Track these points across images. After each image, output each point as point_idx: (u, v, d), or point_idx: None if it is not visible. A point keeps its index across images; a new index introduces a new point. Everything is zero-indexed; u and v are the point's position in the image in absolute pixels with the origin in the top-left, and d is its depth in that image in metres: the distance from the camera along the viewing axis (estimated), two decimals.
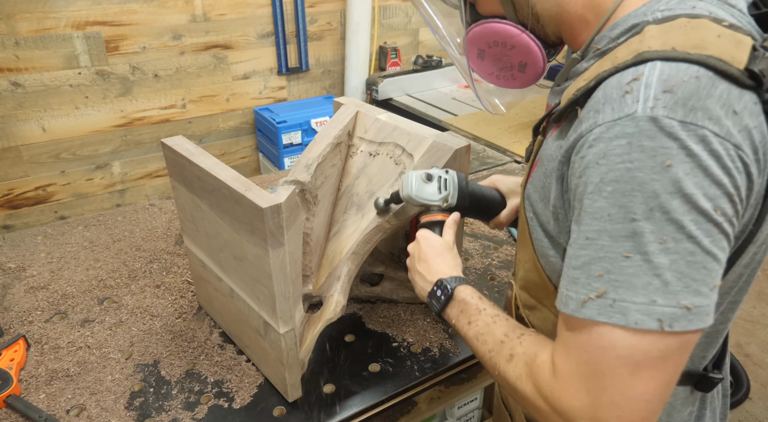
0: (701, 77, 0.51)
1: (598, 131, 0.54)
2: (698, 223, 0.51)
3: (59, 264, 1.43)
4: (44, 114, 2.59)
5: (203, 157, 0.99)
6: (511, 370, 0.64)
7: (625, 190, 0.52)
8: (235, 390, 1.05)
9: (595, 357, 0.53)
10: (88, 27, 2.54)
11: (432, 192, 0.95)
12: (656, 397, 0.53)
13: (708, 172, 0.50)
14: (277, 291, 0.90)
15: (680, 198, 0.50)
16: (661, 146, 0.50)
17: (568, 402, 0.55)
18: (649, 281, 0.51)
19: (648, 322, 0.51)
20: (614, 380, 0.52)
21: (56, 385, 1.06)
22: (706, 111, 0.50)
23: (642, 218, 0.51)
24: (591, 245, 0.54)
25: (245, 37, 2.94)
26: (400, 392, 1.07)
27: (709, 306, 0.52)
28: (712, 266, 0.52)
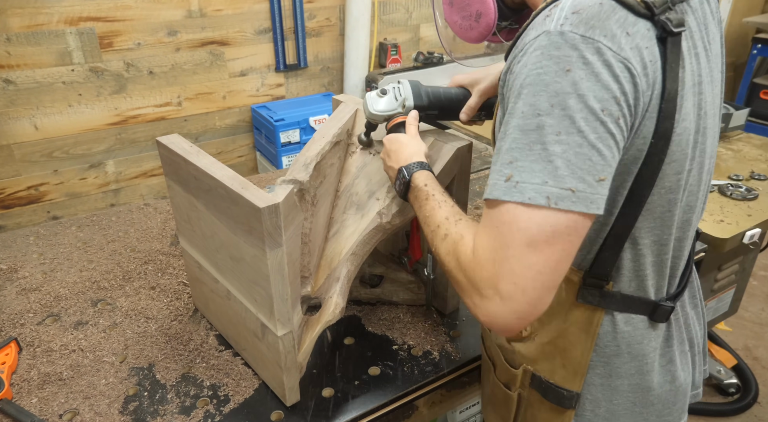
0: (604, 3, 0.64)
1: (521, 48, 0.68)
2: (587, 121, 0.62)
3: (52, 265, 1.43)
4: (36, 112, 2.59)
5: (199, 156, 0.99)
6: (443, 247, 0.76)
7: (535, 90, 0.63)
8: (231, 394, 1.05)
9: (501, 231, 0.64)
10: (82, 23, 2.54)
11: (390, 102, 1.05)
12: (547, 269, 0.63)
13: (599, 77, 0.62)
14: (274, 293, 0.90)
15: (575, 97, 0.62)
16: (565, 55, 0.62)
17: (480, 272, 0.66)
18: (544, 166, 0.62)
19: (539, 199, 0.62)
20: (514, 250, 0.63)
21: (49, 389, 1.06)
22: (603, 29, 0.63)
23: (545, 113, 0.63)
24: (507, 138, 0.65)
25: (242, 33, 2.94)
26: (400, 396, 1.07)
27: (594, 195, 0.62)
28: (596, 159, 0.62)
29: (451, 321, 1.24)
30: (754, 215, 1.58)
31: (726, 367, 2.32)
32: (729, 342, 2.49)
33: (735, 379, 2.30)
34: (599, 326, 0.81)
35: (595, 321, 0.81)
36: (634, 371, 0.83)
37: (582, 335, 0.82)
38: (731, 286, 1.85)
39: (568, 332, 0.83)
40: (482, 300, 0.66)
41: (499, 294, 0.64)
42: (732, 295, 1.88)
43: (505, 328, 0.67)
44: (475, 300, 0.68)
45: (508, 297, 0.64)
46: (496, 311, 0.65)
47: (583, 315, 0.81)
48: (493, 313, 0.65)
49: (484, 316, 0.67)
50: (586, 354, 0.82)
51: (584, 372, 0.84)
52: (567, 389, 0.85)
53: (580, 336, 0.82)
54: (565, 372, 0.85)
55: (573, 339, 0.83)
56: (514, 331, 0.68)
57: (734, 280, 1.83)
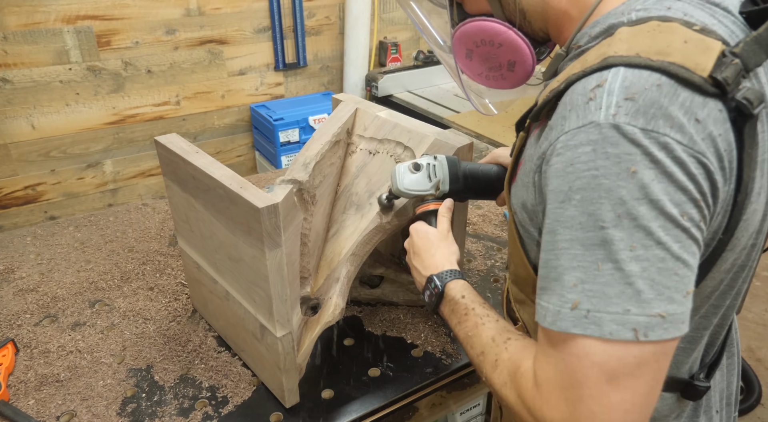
0: (663, 85, 0.52)
1: (563, 139, 0.56)
2: (666, 229, 0.52)
3: (49, 265, 1.43)
4: (33, 111, 2.59)
5: (198, 156, 0.99)
6: (497, 377, 0.65)
7: (593, 197, 0.53)
8: (230, 396, 1.05)
9: (572, 367, 0.54)
10: (79, 21, 2.54)
11: (421, 181, 0.95)
12: (636, 407, 0.53)
13: (673, 178, 0.52)
14: (273, 294, 0.90)
15: (647, 204, 0.51)
16: (625, 152, 0.52)
17: (549, 413, 0.56)
18: (621, 290, 0.52)
19: (623, 332, 0.52)
20: (591, 389, 0.53)
21: (46, 391, 1.06)
22: (668, 119, 0.52)
23: (611, 225, 0.52)
24: (564, 254, 0.55)
25: (241, 31, 2.95)
26: (400, 397, 1.07)
27: (684, 313, 0.53)
28: (683, 272, 0.53)
29: None
30: None
31: None
32: None
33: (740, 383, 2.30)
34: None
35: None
36: None
37: None
38: None
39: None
40: None
41: None
42: None
43: None
44: None
45: None
46: None
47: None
48: None
49: None
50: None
51: None
52: None
53: None
54: None
55: None
56: None
57: None
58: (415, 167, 0.95)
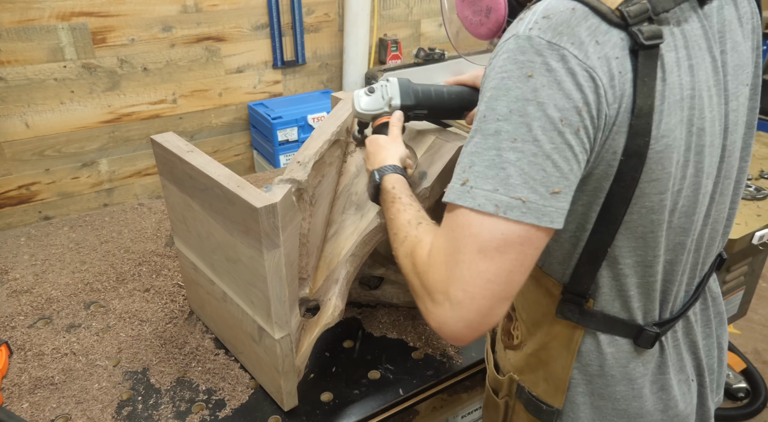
0: (576, 9, 0.63)
1: (494, 50, 0.67)
2: (544, 130, 0.61)
3: (43, 266, 1.44)
4: (28, 109, 2.59)
5: (195, 155, 0.99)
6: (402, 249, 0.76)
7: (498, 94, 0.63)
8: (227, 399, 1.05)
9: (456, 234, 0.64)
10: (74, 18, 2.54)
11: (375, 100, 1.06)
12: (498, 278, 0.62)
13: (561, 85, 0.61)
14: (272, 295, 0.90)
15: (535, 105, 0.61)
16: (529, 60, 0.62)
17: (432, 275, 0.66)
18: (497, 173, 0.62)
19: (488, 206, 0.62)
20: (465, 256, 0.63)
21: (40, 394, 1.06)
22: (572, 36, 0.62)
23: (503, 119, 0.62)
24: (470, 142, 0.65)
25: (239, 28, 2.95)
26: (400, 400, 1.07)
27: (547, 207, 0.62)
28: (551, 170, 0.62)
29: None
30: (763, 215, 1.58)
31: (735, 371, 2.33)
32: (738, 345, 2.49)
33: (744, 383, 2.31)
34: (579, 343, 0.80)
35: (575, 338, 0.80)
36: (620, 395, 0.81)
37: (563, 351, 0.81)
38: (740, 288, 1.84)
39: (550, 346, 0.83)
40: (433, 305, 0.66)
41: (449, 299, 0.64)
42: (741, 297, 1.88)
43: (454, 336, 0.66)
44: (427, 304, 0.67)
45: (458, 304, 0.63)
46: (445, 317, 0.65)
47: (564, 331, 0.81)
48: (443, 319, 0.65)
49: (434, 322, 0.66)
50: (567, 370, 0.82)
51: (565, 389, 0.83)
52: (548, 403, 0.85)
53: (561, 352, 0.82)
54: (547, 386, 0.85)
55: (554, 354, 0.83)
56: (464, 341, 0.67)
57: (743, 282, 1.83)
58: (369, 90, 1.06)
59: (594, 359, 0.80)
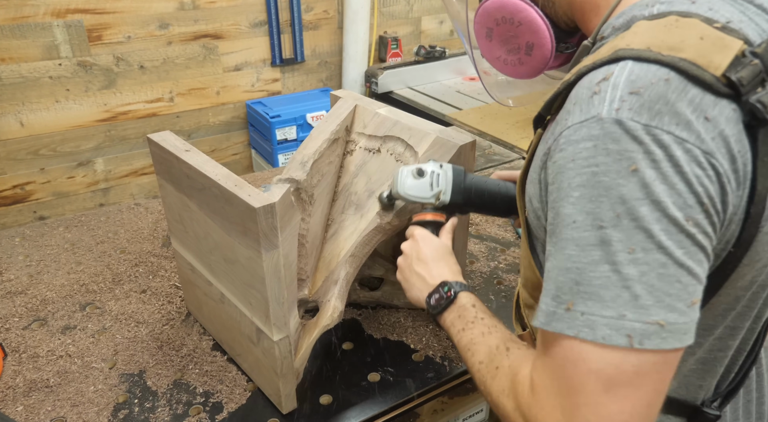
0: (671, 80, 0.51)
1: (566, 134, 0.55)
2: (669, 233, 0.50)
3: (38, 267, 1.44)
4: (22, 107, 2.59)
5: (192, 154, 0.99)
6: (496, 384, 0.65)
7: (592, 195, 0.52)
8: (225, 402, 1.05)
9: (567, 372, 0.53)
10: (69, 15, 2.54)
11: (423, 188, 0.94)
12: (634, 418, 0.51)
13: (677, 179, 0.50)
14: (270, 296, 0.90)
15: (649, 205, 0.50)
16: (626, 150, 0.51)
17: (544, 420, 0.55)
18: (618, 293, 0.51)
19: (616, 338, 0.50)
20: (587, 397, 0.52)
21: (35, 397, 1.06)
22: (674, 115, 0.51)
23: (609, 225, 0.51)
24: (560, 254, 0.54)
25: (237, 26, 2.95)
26: (401, 403, 1.07)
27: (687, 324, 0.51)
28: (687, 280, 0.51)
29: None
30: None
31: None
32: None
33: None
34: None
35: None
36: None
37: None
38: None
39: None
40: None
41: None
42: None
43: None
44: None
45: None
46: None
47: None
48: None
49: None
50: None
51: None
52: None
53: None
54: None
55: None
56: None
57: None
58: (418, 173, 0.94)
59: None
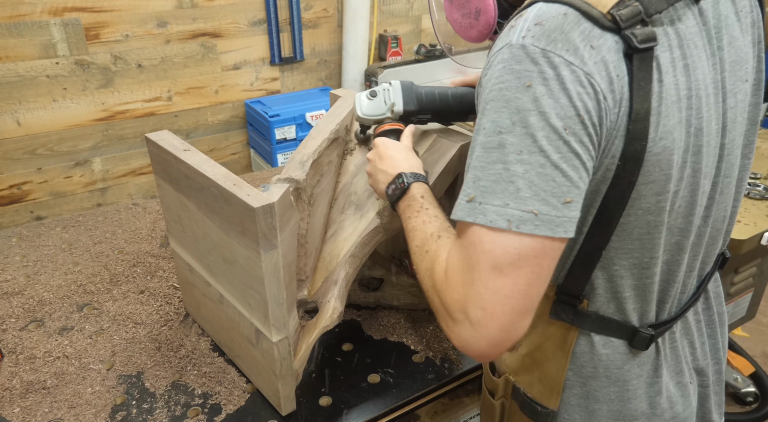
0: (568, 14, 0.63)
1: (488, 61, 0.67)
2: (549, 139, 0.62)
3: (35, 268, 1.44)
4: (19, 107, 2.59)
5: (190, 153, 0.99)
6: (423, 265, 0.76)
7: (497, 106, 0.64)
8: (224, 403, 1.05)
9: (468, 253, 0.64)
10: (66, 13, 2.54)
11: (377, 105, 1.05)
12: (516, 293, 0.62)
13: (561, 94, 0.61)
14: (269, 297, 0.90)
15: (537, 115, 0.62)
16: (525, 69, 0.62)
17: (450, 295, 0.67)
18: (505, 187, 0.62)
19: (500, 222, 0.62)
20: (480, 273, 0.63)
21: (32, 398, 1.06)
22: (566, 42, 0.62)
23: (506, 131, 0.63)
24: (472, 155, 0.66)
25: (235, 24, 2.95)
26: (401, 405, 1.07)
27: (560, 218, 0.62)
28: (561, 181, 0.62)
29: None
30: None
31: (743, 375, 2.32)
32: (746, 348, 2.49)
33: (753, 387, 2.30)
34: (574, 345, 0.81)
35: (570, 339, 0.81)
36: (614, 396, 0.82)
37: (557, 351, 0.82)
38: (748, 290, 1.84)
39: (545, 347, 0.83)
40: (454, 325, 0.66)
41: (469, 319, 0.64)
42: (749, 299, 1.88)
43: (478, 355, 0.66)
44: (448, 323, 0.68)
45: (478, 323, 0.63)
46: (467, 336, 0.65)
47: (558, 332, 0.81)
48: (465, 339, 0.65)
49: (456, 341, 0.67)
50: (561, 371, 0.82)
51: (560, 390, 0.83)
52: (543, 405, 0.86)
53: (555, 353, 0.82)
54: (542, 387, 0.85)
55: (549, 355, 0.83)
56: (490, 357, 0.67)
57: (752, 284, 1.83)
58: (371, 94, 1.06)
59: (588, 360, 0.81)
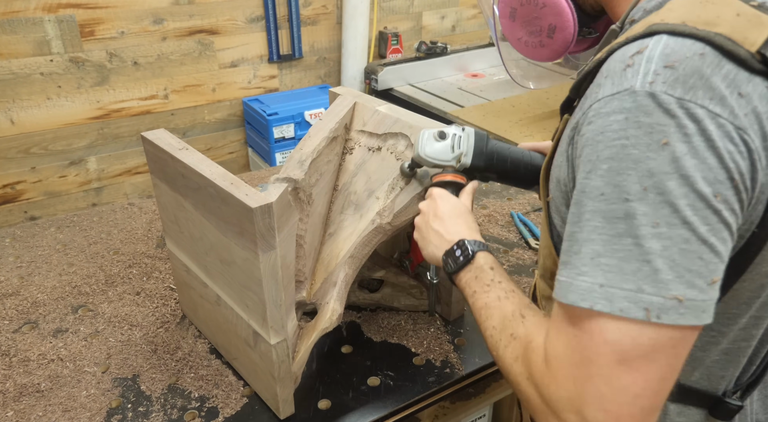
0: (706, 55, 0.53)
1: (596, 106, 0.56)
2: (695, 209, 0.51)
3: (29, 269, 1.44)
4: (13, 105, 2.59)
5: (187, 152, 0.99)
6: (509, 352, 0.65)
7: (620, 168, 0.53)
8: (221, 407, 1.05)
9: (583, 344, 0.54)
10: (61, 9, 2.54)
11: (444, 151, 0.96)
12: (647, 392, 0.53)
13: (709, 153, 0.51)
14: (267, 299, 0.90)
15: (677, 179, 0.51)
16: (658, 123, 0.52)
17: (556, 391, 0.56)
18: (638, 267, 0.52)
19: (634, 311, 0.52)
20: (601, 369, 0.53)
21: (26, 402, 1.06)
22: (708, 90, 0.52)
23: (635, 199, 0.52)
24: (585, 226, 0.55)
25: (233, 21, 2.95)
26: (401, 408, 1.07)
27: (706, 302, 0.52)
28: (709, 257, 0.52)
29: (455, 329, 1.24)
30: None
31: None
32: None
33: None
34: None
35: None
36: None
37: None
38: None
39: None
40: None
41: (586, 421, 0.54)
42: None
43: None
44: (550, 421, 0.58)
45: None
46: None
47: None
48: None
49: None
50: None
51: None
52: None
53: None
54: None
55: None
56: None
57: None
58: (440, 135, 0.96)
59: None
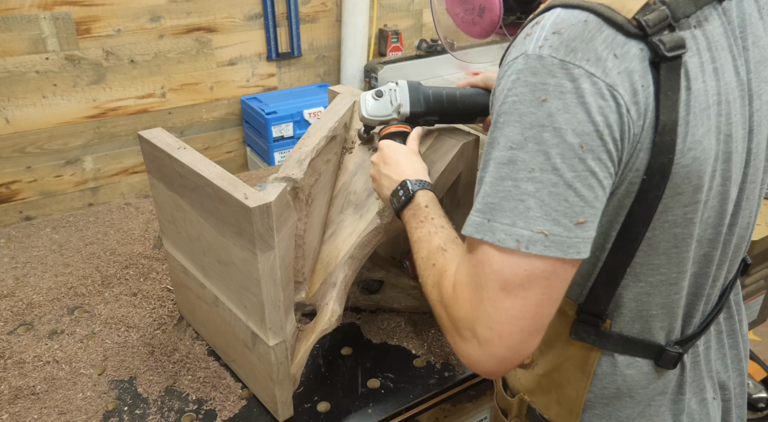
0: (589, 21, 0.61)
1: (501, 71, 0.66)
2: (564, 157, 0.60)
3: (24, 269, 1.44)
4: (8, 103, 2.59)
5: (185, 152, 0.99)
6: (429, 279, 0.76)
7: (509, 120, 0.62)
8: (219, 409, 1.05)
9: (476, 270, 0.64)
10: (57, 7, 2.54)
11: (383, 106, 1.05)
12: (525, 314, 0.62)
13: (578, 108, 0.60)
14: (266, 300, 0.90)
15: (551, 131, 0.60)
16: (541, 82, 0.61)
17: (458, 312, 0.67)
18: (515, 205, 0.61)
19: (508, 241, 0.61)
20: (488, 292, 0.63)
21: (21, 404, 1.06)
22: (587, 52, 0.60)
23: (518, 147, 0.62)
24: (486, 169, 0.65)
25: (231, 18, 2.95)
26: (401, 411, 1.07)
27: (572, 239, 0.61)
28: (573, 200, 0.61)
29: None
30: None
31: (755, 380, 2.33)
32: (758, 352, 2.49)
33: (765, 393, 2.30)
34: (596, 366, 0.80)
35: (591, 360, 0.79)
36: (637, 416, 0.81)
37: (577, 373, 0.81)
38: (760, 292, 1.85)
39: (563, 367, 0.82)
40: (462, 342, 0.67)
41: (477, 337, 0.64)
42: (761, 302, 1.88)
43: (486, 372, 0.68)
44: (455, 340, 0.68)
45: (486, 342, 0.64)
46: (475, 355, 0.65)
47: (578, 353, 0.80)
48: (473, 357, 0.66)
49: (464, 359, 0.67)
50: (581, 393, 0.81)
51: (579, 412, 0.82)
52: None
53: (575, 374, 0.81)
54: (560, 409, 0.85)
55: (568, 376, 0.82)
56: (497, 375, 0.68)
57: (763, 286, 1.83)
58: (377, 94, 1.05)
59: (611, 381, 0.80)
